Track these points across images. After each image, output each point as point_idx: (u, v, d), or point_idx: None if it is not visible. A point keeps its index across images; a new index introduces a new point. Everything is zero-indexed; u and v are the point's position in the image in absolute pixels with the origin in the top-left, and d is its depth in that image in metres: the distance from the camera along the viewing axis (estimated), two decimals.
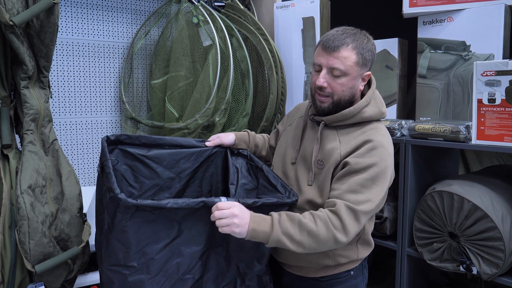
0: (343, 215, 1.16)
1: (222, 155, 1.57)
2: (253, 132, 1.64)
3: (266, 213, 1.20)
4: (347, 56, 1.23)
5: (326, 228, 1.15)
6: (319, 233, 1.15)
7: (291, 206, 1.28)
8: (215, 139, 1.54)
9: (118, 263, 1.14)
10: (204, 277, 1.24)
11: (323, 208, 1.22)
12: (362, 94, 1.35)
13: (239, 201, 1.17)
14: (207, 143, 1.54)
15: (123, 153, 1.45)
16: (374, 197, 1.20)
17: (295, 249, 1.16)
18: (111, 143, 1.42)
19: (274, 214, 1.18)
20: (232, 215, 1.11)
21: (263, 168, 1.43)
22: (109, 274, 1.15)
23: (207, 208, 1.14)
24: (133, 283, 1.14)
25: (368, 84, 1.35)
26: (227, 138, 1.55)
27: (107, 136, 1.39)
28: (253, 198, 1.44)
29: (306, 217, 1.17)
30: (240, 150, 1.55)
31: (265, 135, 1.69)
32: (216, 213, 1.12)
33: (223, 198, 1.16)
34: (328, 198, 1.23)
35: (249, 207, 1.18)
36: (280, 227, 1.15)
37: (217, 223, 1.12)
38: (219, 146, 1.55)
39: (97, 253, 1.34)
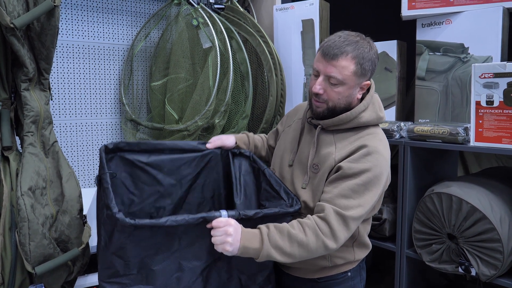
0: (332, 221, 1.15)
1: (224, 159, 1.55)
2: (251, 133, 1.65)
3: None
4: (345, 65, 1.21)
5: (315, 237, 1.14)
6: (309, 242, 1.14)
7: (294, 215, 1.25)
8: (216, 141, 1.54)
9: (117, 274, 1.12)
10: None
11: (314, 211, 1.22)
12: (362, 98, 1.33)
13: (239, 214, 1.14)
14: (208, 145, 1.52)
15: (123, 160, 1.43)
16: (365, 202, 1.19)
17: (285, 261, 1.15)
18: (110, 152, 1.39)
19: (263, 228, 1.15)
20: (226, 234, 1.09)
21: (265, 172, 1.41)
22: (107, 286, 1.13)
23: (207, 223, 1.12)
24: None
25: (367, 88, 1.33)
26: (228, 140, 1.55)
27: (105, 146, 1.36)
28: (255, 203, 1.42)
29: (294, 227, 1.15)
30: (242, 151, 1.53)
31: (263, 135, 1.68)
32: (211, 232, 1.12)
33: (223, 212, 1.13)
34: (319, 201, 1.22)
35: (250, 218, 1.16)
36: (270, 241, 1.12)
37: (212, 240, 1.12)
38: (220, 148, 1.54)
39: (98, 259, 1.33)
